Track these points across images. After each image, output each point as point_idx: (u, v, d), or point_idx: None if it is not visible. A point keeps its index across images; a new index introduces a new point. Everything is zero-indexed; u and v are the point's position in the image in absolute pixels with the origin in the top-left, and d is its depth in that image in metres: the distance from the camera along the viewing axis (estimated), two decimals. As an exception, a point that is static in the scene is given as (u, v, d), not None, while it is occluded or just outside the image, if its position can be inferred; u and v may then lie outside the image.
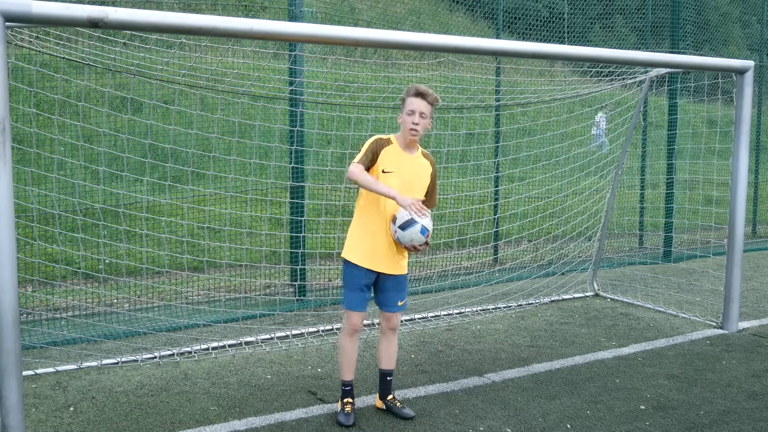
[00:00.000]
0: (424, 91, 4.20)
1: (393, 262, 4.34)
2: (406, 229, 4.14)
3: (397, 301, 4.42)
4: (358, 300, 4.32)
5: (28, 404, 4.59)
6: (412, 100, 4.20)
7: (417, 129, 4.21)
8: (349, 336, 4.40)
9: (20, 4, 3.49)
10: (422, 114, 4.20)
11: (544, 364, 5.55)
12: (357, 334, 4.44)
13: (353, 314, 4.35)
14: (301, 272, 7.08)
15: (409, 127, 4.21)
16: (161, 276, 7.09)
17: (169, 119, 6.92)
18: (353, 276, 4.31)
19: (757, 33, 13.22)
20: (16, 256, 3.60)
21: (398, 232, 4.17)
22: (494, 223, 8.78)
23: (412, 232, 4.13)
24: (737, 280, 6.57)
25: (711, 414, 4.61)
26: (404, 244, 4.21)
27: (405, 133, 4.27)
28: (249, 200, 7.22)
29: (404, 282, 4.46)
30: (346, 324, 4.40)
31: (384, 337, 4.52)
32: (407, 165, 4.29)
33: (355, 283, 4.31)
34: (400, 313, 4.55)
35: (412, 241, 4.18)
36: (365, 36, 4.71)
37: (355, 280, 4.30)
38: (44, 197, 6.12)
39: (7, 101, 3.51)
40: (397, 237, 4.20)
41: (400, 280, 4.41)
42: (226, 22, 4.15)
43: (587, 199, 8.40)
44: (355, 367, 4.54)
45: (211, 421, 4.39)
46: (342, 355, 4.44)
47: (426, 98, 4.20)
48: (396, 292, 4.40)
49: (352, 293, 4.33)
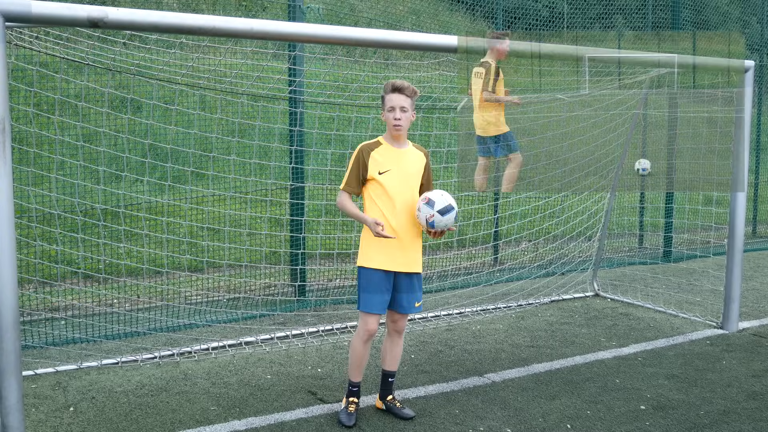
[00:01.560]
0: (399, 85, 4.21)
1: (409, 259, 4.30)
2: (445, 214, 4.15)
3: (414, 302, 4.37)
4: (376, 302, 4.25)
5: (28, 404, 4.59)
6: (390, 96, 4.23)
7: (400, 124, 4.23)
8: (363, 341, 4.34)
9: (20, 4, 3.49)
10: (402, 108, 4.21)
11: (544, 364, 5.54)
12: (371, 339, 4.38)
13: (370, 318, 4.28)
14: (301, 272, 7.08)
15: (393, 124, 4.24)
16: (161, 276, 7.08)
17: (169, 119, 6.92)
18: (371, 279, 4.25)
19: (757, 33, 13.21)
20: (15, 256, 3.60)
21: (436, 216, 4.14)
22: (494, 223, 8.78)
23: (450, 217, 4.16)
24: (737, 280, 6.57)
25: (711, 414, 4.61)
26: (437, 228, 4.18)
27: (390, 129, 4.29)
28: (249, 200, 7.21)
29: (420, 282, 4.43)
30: (362, 328, 4.31)
31: (389, 338, 4.50)
32: (401, 160, 4.30)
33: (374, 286, 4.24)
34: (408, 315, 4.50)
35: (446, 226, 4.19)
36: (365, 36, 4.71)
37: (374, 282, 4.24)
38: (44, 197, 6.12)
39: (7, 101, 3.51)
40: (432, 221, 4.15)
41: (416, 279, 4.38)
42: (226, 22, 4.16)
43: (587, 199, 8.40)
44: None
45: (211, 421, 4.39)
46: (353, 358, 4.39)
47: (403, 92, 4.21)
48: (412, 293, 4.35)
49: (370, 295, 4.25)
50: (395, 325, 4.46)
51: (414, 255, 4.34)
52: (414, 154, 4.39)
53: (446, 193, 4.24)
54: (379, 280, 4.25)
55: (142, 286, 6.76)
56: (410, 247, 4.31)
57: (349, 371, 4.47)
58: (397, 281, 4.32)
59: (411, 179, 4.32)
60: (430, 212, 4.16)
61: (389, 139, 4.34)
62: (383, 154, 4.28)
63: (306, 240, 7.21)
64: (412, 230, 4.31)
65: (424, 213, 4.18)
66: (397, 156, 4.30)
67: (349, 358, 4.45)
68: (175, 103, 7.09)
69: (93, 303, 6.57)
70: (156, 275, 7.12)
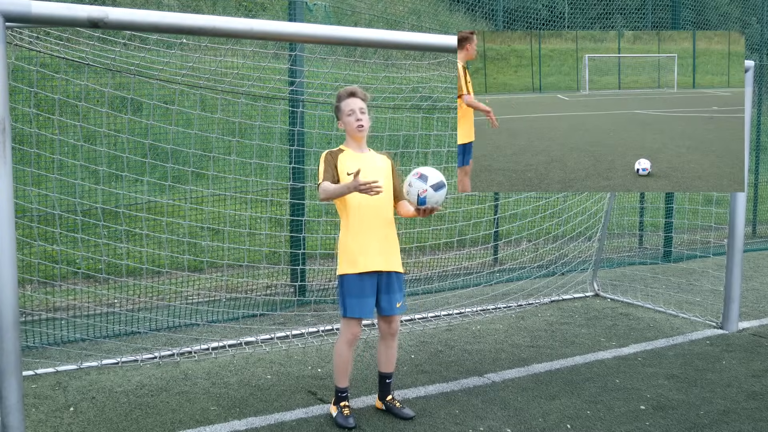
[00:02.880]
0: (353, 90, 4.36)
1: (387, 257, 4.30)
2: (438, 190, 4.07)
3: (395, 302, 4.35)
4: (360, 305, 4.23)
5: (28, 404, 4.59)
6: (347, 101, 4.32)
7: (363, 124, 4.31)
8: (348, 345, 4.34)
9: (20, 4, 3.49)
10: (361, 110, 4.32)
11: (544, 364, 5.55)
12: (355, 343, 4.40)
13: (354, 322, 4.29)
14: (301, 272, 7.08)
15: (356, 125, 4.30)
16: (161, 276, 7.09)
17: (169, 119, 6.92)
18: (352, 284, 4.24)
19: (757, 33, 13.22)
20: (16, 256, 3.60)
21: (428, 192, 4.05)
22: (494, 224, 8.78)
23: (442, 194, 4.09)
24: (737, 280, 6.58)
25: (711, 414, 4.61)
26: (428, 204, 4.10)
27: (353, 133, 4.33)
28: (249, 200, 7.22)
29: (401, 281, 4.41)
30: (346, 332, 4.31)
31: (383, 341, 4.49)
32: (367, 164, 4.31)
33: (355, 289, 4.23)
34: (399, 316, 4.48)
35: (437, 203, 4.12)
36: (365, 36, 4.71)
37: (355, 286, 4.24)
38: (44, 197, 6.12)
39: (7, 101, 3.50)
40: (424, 196, 4.06)
41: (397, 279, 4.37)
42: (226, 22, 4.15)
43: (587, 199, 8.40)
44: (355, 367, 4.54)
45: (211, 421, 4.39)
46: (340, 363, 4.38)
47: (358, 95, 4.35)
48: (393, 293, 4.34)
49: (353, 299, 4.24)
50: (388, 328, 4.43)
51: (392, 254, 4.34)
52: (378, 158, 4.45)
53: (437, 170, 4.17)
54: (363, 284, 4.24)
55: (142, 286, 6.76)
56: (387, 247, 4.31)
57: (336, 377, 4.43)
58: (378, 282, 4.31)
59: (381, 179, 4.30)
60: (423, 187, 4.06)
61: (352, 145, 4.39)
62: (349, 159, 4.32)
63: (306, 240, 7.21)
64: (387, 229, 4.32)
65: (416, 188, 4.07)
66: (362, 161, 4.33)
67: (335, 364, 4.41)
68: (175, 103, 7.09)
69: (93, 303, 6.57)
70: (156, 275, 7.12)
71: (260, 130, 7.12)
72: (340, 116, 4.36)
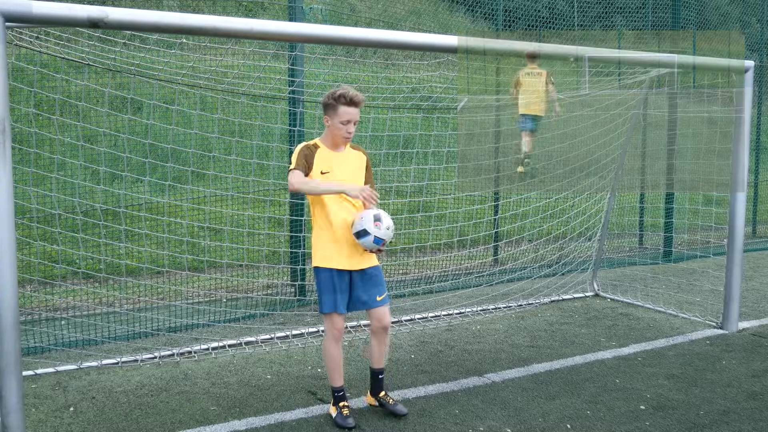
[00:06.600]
0: (354, 97, 4.24)
1: (359, 257, 4.34)
2: (360, 238, 4.21)
3: (376, 295, 4.37)
4: (334, 301, 4.30)
5: (28, 404, 4.59)
6: (346, 109, 4.25)
7: (351, 136, 4.33)
8: (335, 342, 4.37)
9: (20, 4, 3.49)
10: (356, 122, 4.31)
11: (544, 364, 5.55)
12: (341, 339, 4.42)
13: (334, 317, 4.33)
14: (301, 272, 7.08)
15: (344, 136, 4.30)
16: (161, 276, 7.08)
17: (169, 119, 6.92)
18: (326, 280, 4.31)
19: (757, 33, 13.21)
20: (16, 256, 3.60)
21: (355, 239, 4.23)
22: (494, 224, 8.78)
23: (365, 242, 4.21)
24: (737, 280, 6.57)
25: (711, 414, 4.61)
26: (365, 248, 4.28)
27: (337, 138, 4.33)
28: (249, 200, 7.21)
29: (379, 275, 4.43)
30: (329, 329, 4.36)
31: (375, 336, 4.50)
32: (341, 164, 4.35)
33: (329, 286, 4.30)
34: (386, 309, 4.45)
35: (368, 249, 4.28)
36: (365, 36, 4.71)
37: (328, 283, 4.30)
38: (44, 197, 6.12)
39: (7, 101, 3.51)
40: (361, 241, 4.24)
41: (373, 273, 4.39)
42: (226, 22, 4.16)
43: (587, 200, 8.40)
44: (353, 367, 4.53)
45: (211, 421, 4.40)
46: (331, 362, 4.40)
47: (359, 106, 4.29)
48: (372, 287, 4.36)
49: (327, 296, 4.31)
50: (379, 323, 4.44)
51: (364, 253, 4.36)
52: (353, 155, 4.45)
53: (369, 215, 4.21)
54: (333, 279, 4.30)
55: (143, 286, 6.76)
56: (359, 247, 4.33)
57: (329, 376, 4.45)
58: (355, 279, 4.35)
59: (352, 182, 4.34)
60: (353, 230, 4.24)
61: (329, 143, 4.38)
62: (323, 158, 4.33)
63: (306, 240, 7.20)
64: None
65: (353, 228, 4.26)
66: (336, 160, 4.35)
67: (326, 363, 4.44)
68: (175, 103, 7.09)
69: (93, 303, 6.57)
70: (156, 275, 7.12)
71: (260, 130, 7.12)
72: (331, 115, 4.30)
